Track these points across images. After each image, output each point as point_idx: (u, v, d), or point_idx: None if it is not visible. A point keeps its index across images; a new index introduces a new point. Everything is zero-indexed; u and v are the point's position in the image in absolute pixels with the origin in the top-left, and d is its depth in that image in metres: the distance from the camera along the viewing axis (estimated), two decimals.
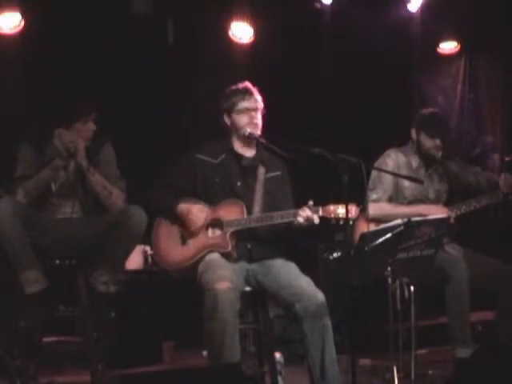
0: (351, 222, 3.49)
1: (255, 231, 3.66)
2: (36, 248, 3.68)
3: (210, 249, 3.61)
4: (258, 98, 3.80)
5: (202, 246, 3.63)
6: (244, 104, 3.76)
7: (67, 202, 3.91)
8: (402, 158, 4.40)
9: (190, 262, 3.61)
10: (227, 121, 3.82)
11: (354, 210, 3.43)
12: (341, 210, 3.46)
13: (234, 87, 3.84)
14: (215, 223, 3.67)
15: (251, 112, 3.76)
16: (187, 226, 3.67)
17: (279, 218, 3.59)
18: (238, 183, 3.76)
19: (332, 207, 3.50)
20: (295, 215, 3.53)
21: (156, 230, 3.77)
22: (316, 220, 3.50)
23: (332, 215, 3.49)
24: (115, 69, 5.35)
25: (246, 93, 3.78)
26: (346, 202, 3.38)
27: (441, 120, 4.48)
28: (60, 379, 4.05)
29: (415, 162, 4.40)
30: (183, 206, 3.68)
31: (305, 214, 3.50)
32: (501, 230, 5.74)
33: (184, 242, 3.68)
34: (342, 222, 3.47)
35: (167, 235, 3.72)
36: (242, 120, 3.77)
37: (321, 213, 3.51)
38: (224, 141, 3.86)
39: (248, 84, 3.83)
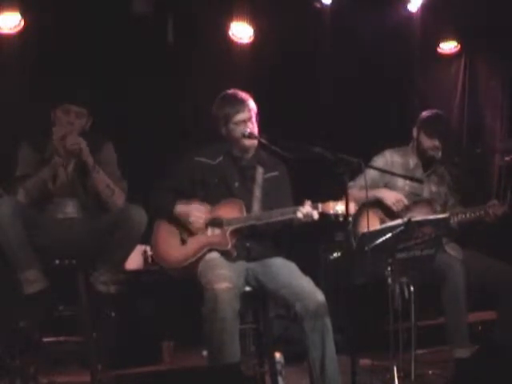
0: (350, 219, 3.51)
1: (255, 230, 3.67)
2: (36, 248, 3.68)
3: (210, 247, 3.63)
4: (251, 104, 3.77)
5: (202, 245, 3.65)
6: (239, 116, 3.73)
7: (67, 202, 3.90)
8: (397, 159, 4.40)
9: (190, 260, 3.62)
10: (223, 131, 3.79)
11: (353, 207, 3.48)
12: (340, 207, 3.51)
13: (227, 96, 3.79)
14: (215, 222, 3.68)
15: (247, 123, 3.74)
16: (187, 227, 3.69)
17: (279, 215, 3.60)
18: (236, 184, 3.78)
19: (331, 204, 3.54)
20: (295, 212, 3.55)
21: (156, 231, 3.78)
22: (315, 215, 3.54)
23: (331, 211, 3.53)
24: (115, 69, 5.34)
25: (240, 104, 3.74)
26: (346, 200, 3.40)
27: (441, 121, 4.47)
28: (60, 379, 4.04)
29: (413, 162, 4.40)
30: (182, 209, 3.70)
31: (305, 210, 3.54)
32: (501, 230, 5.73)
33: (184, 241, 3.70)
34: (341, 219, 3.52)
35: (167, 235, 3.74)
36: (238, 131, 3.74)
37: (320, 209, 3.55)
38: (223, 142, 3.85)
39: (239, 93, 3.78)
